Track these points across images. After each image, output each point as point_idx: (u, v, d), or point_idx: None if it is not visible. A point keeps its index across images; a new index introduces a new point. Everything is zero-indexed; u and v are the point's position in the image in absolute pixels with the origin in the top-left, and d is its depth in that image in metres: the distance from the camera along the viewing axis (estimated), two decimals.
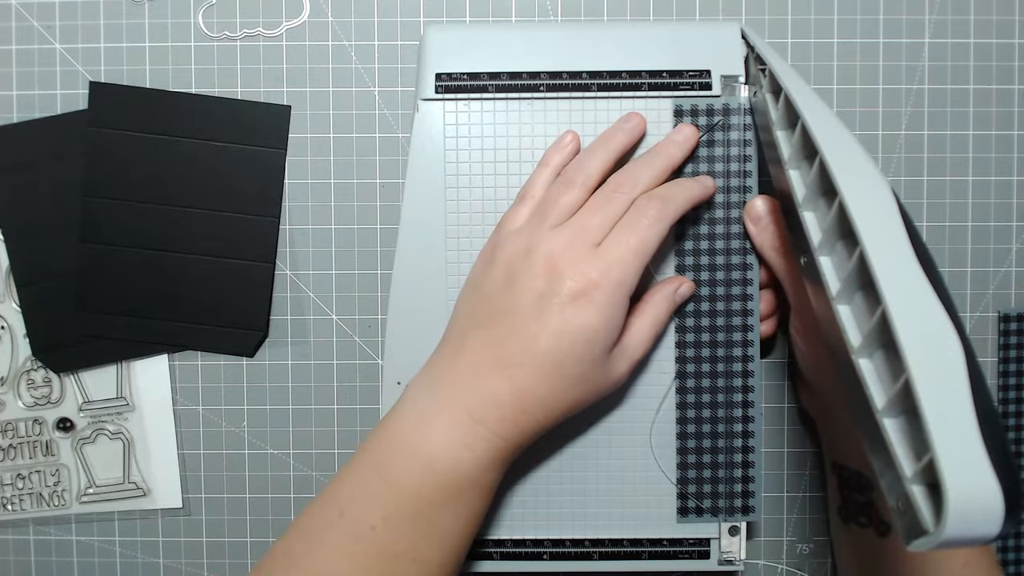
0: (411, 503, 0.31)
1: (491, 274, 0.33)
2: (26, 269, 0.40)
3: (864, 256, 0.26)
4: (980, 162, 0.40)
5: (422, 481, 0.31)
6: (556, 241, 0.32)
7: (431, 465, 0.31)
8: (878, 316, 0.25)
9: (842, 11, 0.40)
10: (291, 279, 0.41)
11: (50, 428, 0.41)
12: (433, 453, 0.31)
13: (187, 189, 0.39)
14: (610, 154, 0.35)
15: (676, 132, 0.36)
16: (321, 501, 0.32)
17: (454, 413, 0.32)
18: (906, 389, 0.24)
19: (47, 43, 0.40)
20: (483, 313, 0.33)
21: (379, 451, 0.32)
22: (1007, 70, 0.40)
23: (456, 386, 0.32)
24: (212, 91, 0.40)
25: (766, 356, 0.41)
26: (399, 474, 0.31)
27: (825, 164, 0.29)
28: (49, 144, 0.40)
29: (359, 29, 0.40)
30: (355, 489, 0.32)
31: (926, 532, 0.23)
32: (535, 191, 0.35)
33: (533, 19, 0.40)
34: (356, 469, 0.32)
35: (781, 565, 0.42)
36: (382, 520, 0.31)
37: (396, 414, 0.33)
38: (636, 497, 0.37)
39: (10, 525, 0.42)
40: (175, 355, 0.41)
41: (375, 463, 0.32)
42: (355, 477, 0.32)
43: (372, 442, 0.33)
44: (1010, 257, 0.41)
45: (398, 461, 0.31)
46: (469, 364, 0.32)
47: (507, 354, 0.32)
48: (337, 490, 0.32)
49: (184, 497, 0.41)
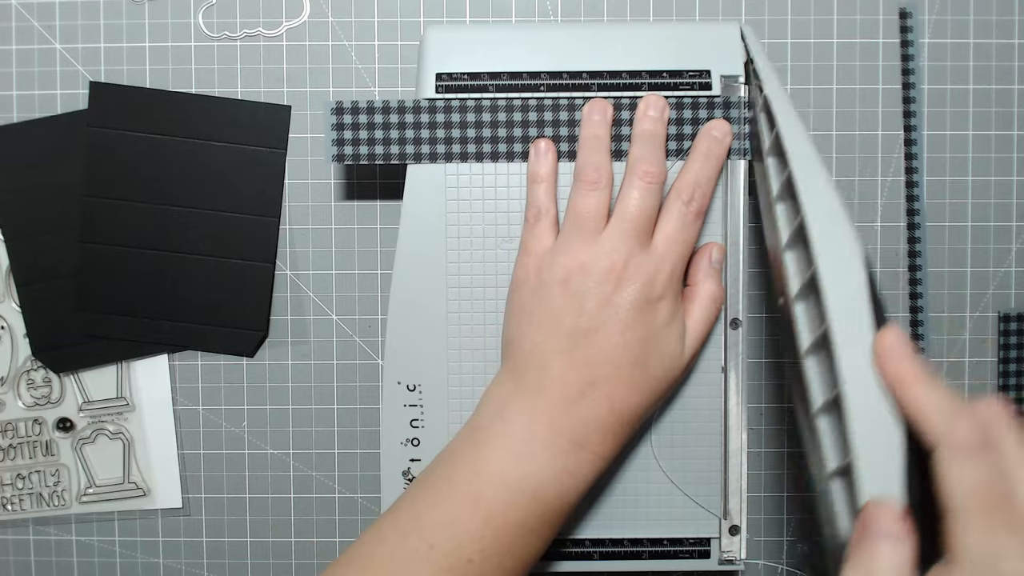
0: (513, 535, 0.31)
1: (550, 298, 0.33)
2: (26, 269, 0.40)
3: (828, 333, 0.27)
4: (980, 162, 0.40)
5: (527, 514, 0.31)
6: (609, 249, 0.32)
7: (536, 496, 0.31)
8: (835, 394, 0.27)
9: (842, 11, 0.40)
10: (291, 279, 0.41)
11: (50, 428, 0.41)
12: (537, 485, 0.31)
13: (187, 189, 0.39)
14: (605, 143, 0.35)
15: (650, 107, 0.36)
16: (398, 533, 0.31)
17: (555, 443, 0.32)
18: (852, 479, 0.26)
19: (47, 43, 0.40)
20: (559, 339, 0.32)
21: (476, 486, 0.31)
22: (1007, 70, 0.40)
23: (553, 416, 0.32)
24: (212, 91, 0.40)
25: None
26: (501, 508, 0.31)
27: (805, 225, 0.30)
28: (49, 144, 0.40)
29: (359, 29, 0.40)
30: (447, 524, 0.31)
31: None
32: (545, 205, 0.35)
33: (533, 19, 0.40)
34: (445, 501, 0.31)
35: (781, 565, 0.42)
36: (480, 553, 0.30)
37: (487, 448, 0.32)
38: (636, 496, 0.37)
39: (10, 525, 0.42)
40: (175, 355, 0.41)
41: (471, 499, 0.31)
42: (444, 511, 0.31)
43: (462, 475, 0.32)
44: (1010, 257, 0.41)
45: (501, 496, 0.31)
46: (560, 392, 0.32)
47: (598, 374, 0.32)
48: (418, 521, 0.31)
49: (184, 497, 0.41)
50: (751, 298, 0.40)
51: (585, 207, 0.33)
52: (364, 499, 0.41)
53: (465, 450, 0.33)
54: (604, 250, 0.32)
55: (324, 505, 0.41)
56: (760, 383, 0.41)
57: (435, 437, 0.38)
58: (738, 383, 0.37)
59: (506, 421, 0.32)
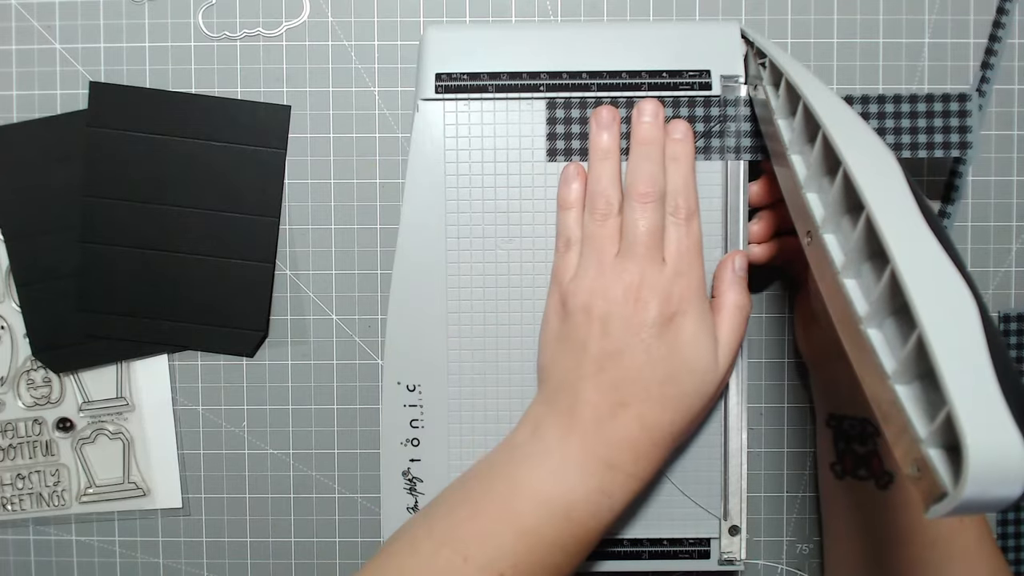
0: (545, 552, 0.31)
1: (575, 324, 0.34)
2: (26, 269, 0.40)
3: (871, 219, 0.26)
4: (980, 162, 0.40)
5: (560, 532, 0.31)
6: (626, 273, 0.33)
7: (570, 516, 0.31)
8: (887, 278, 0.25)
9: (842, 11, 0.40)
10: (291, 279, 0.41)
11: (50, 428, 0.41)
12: (572, 504, 0.32)
13: (187, 189, 0.39)
14: (613, 167, 0.35)
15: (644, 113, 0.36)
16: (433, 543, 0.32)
17: (588, 463, 0.32)
18: (919, 350, 0.23)
19: (47, 43, 0.40)
20: (586, 364, 0.33)
21: (512, 502, 0.32)
22: (1007, 70, 0.40)
23: (586, 438, 0.32)
24: (212, 91, 0.40)
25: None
26: (535, 525, 0.31)
27: (827, 135, 0.29)
28: (49, 144, 0.40)
29: (359, 29, 0.40)
30: (482, 536, 0.31)
31: (944, 496, 0.22)
32: (575, 233, 0.36)
33: (533, 19, 0.40)
34: (480, 515, 0.32)
35: (781, 565, 0.42)
36: (512, 568, 0.31)
37: (523, 466, 0.33)
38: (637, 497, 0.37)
39: (10, 525, 0.42)
40: (175, 355, 0.41)
41: (507, 515, 0.32)
42: (480, 524, 0.32)
43: (499, 491, 0.32)
44: (1010, 257, 0.41)
45: (536, 512, 0.31)
46: (592, 414, 0.32)
47: (627, 395, 0.32)
48: (454, 532, 0.32)
49: (184, 497, 0.41)
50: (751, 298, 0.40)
51: (599, 236, 0.34)
52: (364, 499, 0.41)
53: (502, 466, 0.33)
54: (619, 273, 0.33)
55: (324, 505, 0.41)
56: (760, 383, 0.41)
57: (435, 437, 0.38)
58: (738, 383, 0.37)
59: (541, 440, 0.33)
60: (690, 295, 0.33)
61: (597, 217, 0.35)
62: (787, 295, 0.41)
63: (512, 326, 0.37)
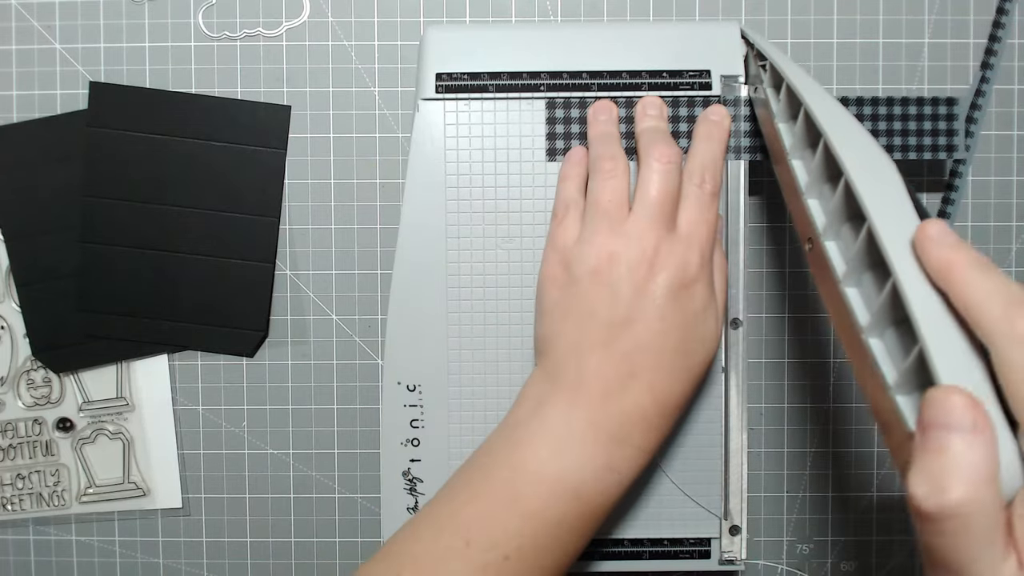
0: (551, 533, 0.30)
1: (581, 292, 0.32)
2: (26, 269, 0.40)
3: (873, 233, 0.26)
4: (980, 162, 0.40)
5: (566, 511, 0.30)
6: (637, 236, 0.31)
7: (577, 494, 0.30)
8: (888, 291, 0.25)
9: (842, 11, 0.40)
10: (291, 279, 0.41)
11: (50, 428, 0.41)
12: (579, 481, 0.30)
13: (187, 189, 0.39)
14: (615, 139, 0.35)
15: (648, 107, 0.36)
16: (434, 530, 0.31)
17: (596, 439, 0.31)
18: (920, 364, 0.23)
19: (47, 43, 0.40)
20: (594, 333, 0.31)
21: (514, 483, 0.31)
22: (1007, 70, 0.40)
23: (592, 411, 0.31)
24: (212, 91, 0.40)
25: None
26: (540, 506, 0.30)
27: (829, 144, 0.29)
28: (49, 144, 0.40)
29: (359, 29, 0.40)
30: (484, 519, 0.30)
31: None
32: (575, 197, 0.34)
33: (533, 19, 0.40)
34: (481, 498, 0.31)
35: (781, 565, 0.42)
36: (517, 550, 0.30)
37: (524, 446, 0.31)
38: (637, 496, 0.37)
39: (10, 525, 0.42)
40: (175, 355, 0.41)
41: (509, 496, 0.30)
42: (482, 507, 0.31)
43: (499, 473, 0.31)
44: (1010, 257, 0.41)
45: (540, 493, 0.30)
46: (600, 387, 0.31)
47: (639, 364, 0.31)
48: (455, 517, 0.31)
49: (184, 497, 0.41)
50: (751, 298, 0.40)
51: (607, 196, 0.32)
52: (364, 499, 0.41)
53: (502, 447, 0.32)
54: (632, 237, 0.31)
55: (324, 505, 0.41)
56: (760, 383, 0.41)
57: (435, 437, 0.38)
58: (738, 383, 0.37)
59: (543, 418, 0.31)
60: (704, 263, 0.32)
61: (604, 176, 0.33)
62: (787, 295, 0.41)
63: (512, 326, 0.37)
